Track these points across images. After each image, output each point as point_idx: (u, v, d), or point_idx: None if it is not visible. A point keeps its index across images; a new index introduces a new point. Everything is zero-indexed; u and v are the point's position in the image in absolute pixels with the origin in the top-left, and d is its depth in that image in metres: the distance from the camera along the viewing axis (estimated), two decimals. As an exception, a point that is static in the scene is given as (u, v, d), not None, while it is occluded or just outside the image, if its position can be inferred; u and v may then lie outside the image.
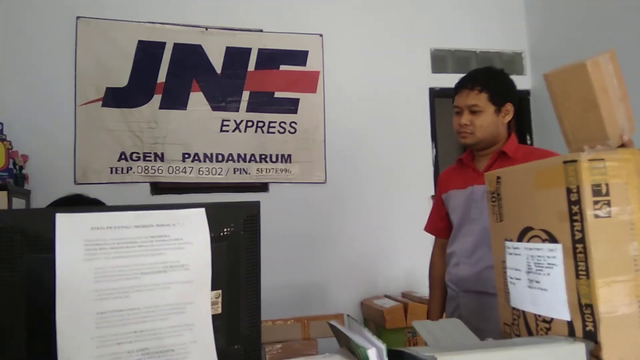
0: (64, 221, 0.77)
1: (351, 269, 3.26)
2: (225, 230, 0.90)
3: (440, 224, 1.76)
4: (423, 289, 3.09)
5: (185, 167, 3.16)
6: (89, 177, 3.01)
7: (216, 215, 0.88)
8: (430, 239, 1.86)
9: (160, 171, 3.12)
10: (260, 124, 3.28)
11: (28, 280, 0.76)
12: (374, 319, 3.01)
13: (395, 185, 3.42)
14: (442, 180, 1.76)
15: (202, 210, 0.87)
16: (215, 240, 0.87)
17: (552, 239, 0.88)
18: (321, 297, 3.19)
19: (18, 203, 2.61)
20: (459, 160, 1.71)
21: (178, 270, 0.82)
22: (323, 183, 3.32)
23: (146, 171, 3.11)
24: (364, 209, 3.35)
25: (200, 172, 3.18)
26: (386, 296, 3.17)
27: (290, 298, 3.07)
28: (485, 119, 1.53)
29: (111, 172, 3.05)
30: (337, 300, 3.18)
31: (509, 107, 1.56)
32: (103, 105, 3.07)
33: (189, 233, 0.84)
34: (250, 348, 0.92)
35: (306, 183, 3.29)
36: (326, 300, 3.18)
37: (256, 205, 0.94)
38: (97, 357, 0.74)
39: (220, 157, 3.22)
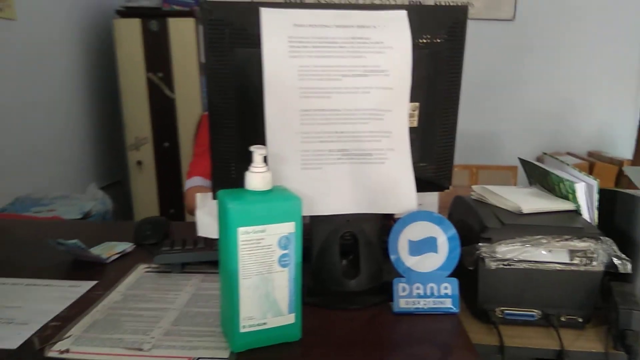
0: (268, 16, 0.75)
1: (531, 119, 2.98)
2: (427, 37, 0.81)
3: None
4: (616, 149, 2.73)
5: None
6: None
7: (419, 20, 0.79)
8: (636, 91, 1.55)
9: None
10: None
11: (238, 73, 0.78)
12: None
13: (601, 24, 2.86)
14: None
15: (404, 13, 0.79)
16: (416, 47, 0.79)
17: None
18: (493, 147, 3.03)
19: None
20: None
21: (378, 75, 0.77)
22: (511, 20, 2.92)
23: None
24: (556, 52, 2.91)
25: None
26: (569, 153, 2.89)
27: (460, 144, 2.98)
28: None
29: None
30: (509, 152, 3.00)
31: None
32: None
33: (390, 37, 0.78)
34: (442, 166, 0.88)
35: (491, 20, 2.93)
36: (498, 151, 3.02)
37: (463, 10, 0.83)
38: (302, 151, 0.76)
39: (393, -10, 2.99)
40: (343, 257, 0.81)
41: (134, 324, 0.73)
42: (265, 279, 0.64)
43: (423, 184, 0.86)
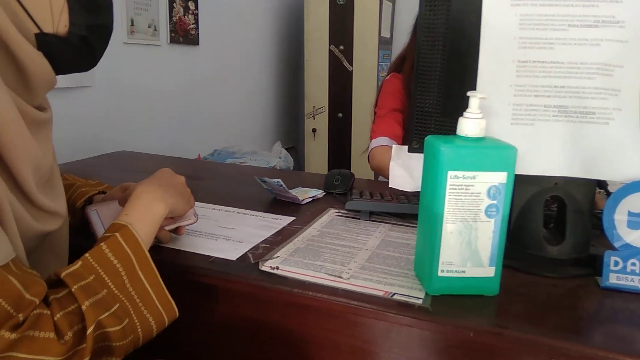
0: (491, -37, 0.72)
1: None
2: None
3: None
4: None
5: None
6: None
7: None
8: None
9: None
10: None
11: (451, 24, 0.77)
12: None
13: None
14: None
15: (651, -44, 0.69)
16: (662, -4, 0.69)
17: None
18: None
19: None
20: None
21: (611, 26, 0.69)
22: None
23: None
24: None
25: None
26: None
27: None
28: None
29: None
30: None
31: None
32: None
33: (631, -16, 0.69)
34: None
35: None
36: None
37: None
38: (514, 105, 0.73)
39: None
40: (545, 222, 0.76)
41: (332, 255, 0.78)
42: (470, 226, 0.63)
43: (646, 156, 0.76)
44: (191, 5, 2.48)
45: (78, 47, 0.65)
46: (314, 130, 3.49)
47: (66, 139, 1.82)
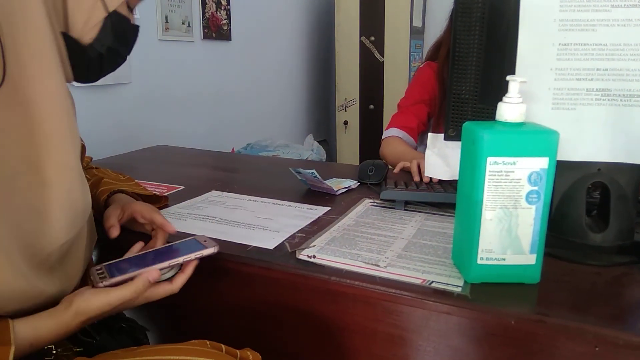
0: (529, -56, 0.71)
1: None
2: None
3: None
4: None
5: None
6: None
7: None
8: None
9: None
10: None
11: (489, 6, 0.76)
12: None
13: None
14: None
15: None
16: None
17: None
18: None
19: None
20: None
21: (659, 5, 0.67)
22: None
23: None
24: None
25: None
26: None
27: None
28: None
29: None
30: None
31: None
32: None
33: (679, -40, 0.66)
34: None
35: None
36: None
37: None
38: (554, 89, 0.71)
39: None
40: (587, 210, 0.74)
41: (368, 244, 0.78)
42: (510, 213, 0.62)
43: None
44: (223, 1, 2.51)
45: (91, 60, 0.68)
46: (345, 123, 3.49)
47: (107, 134, 1.88)
